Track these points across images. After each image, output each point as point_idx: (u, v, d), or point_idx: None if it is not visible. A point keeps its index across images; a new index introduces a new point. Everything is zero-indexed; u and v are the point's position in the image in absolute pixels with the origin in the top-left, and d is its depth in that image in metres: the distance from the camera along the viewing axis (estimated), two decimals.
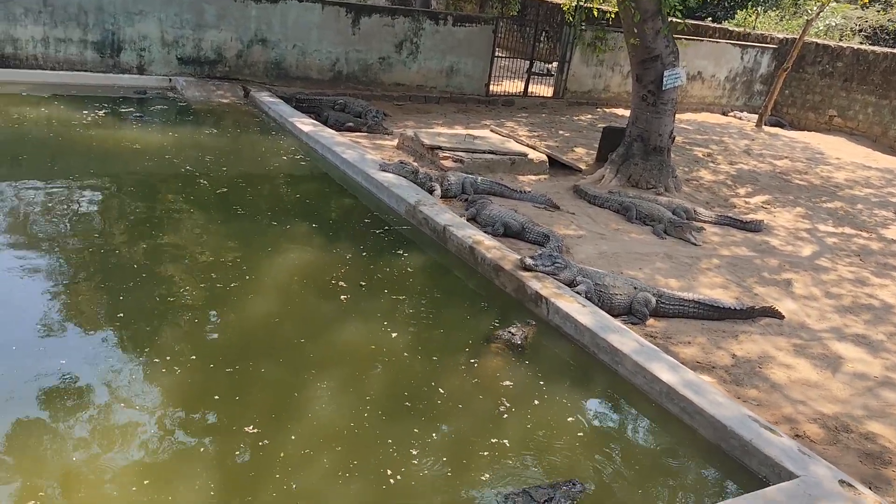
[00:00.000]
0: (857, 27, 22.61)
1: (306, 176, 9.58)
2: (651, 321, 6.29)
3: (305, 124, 10.95)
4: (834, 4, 19.33)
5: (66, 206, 7.36)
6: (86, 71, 12.38)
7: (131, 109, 11.15)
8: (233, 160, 9.49)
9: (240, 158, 9.69)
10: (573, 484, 4.03)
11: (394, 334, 5.57)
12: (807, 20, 17.02)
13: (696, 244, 8.34)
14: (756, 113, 17.95)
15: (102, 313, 5.43)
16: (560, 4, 21.32)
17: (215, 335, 5.35)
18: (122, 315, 5.39)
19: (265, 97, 12.42)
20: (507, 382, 5.11)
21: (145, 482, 3.76)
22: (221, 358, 4.99)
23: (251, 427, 4.29)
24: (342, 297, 6.08)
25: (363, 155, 9.64)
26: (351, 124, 11.92)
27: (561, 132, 13.80)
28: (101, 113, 10.68)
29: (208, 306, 5.70)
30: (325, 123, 11.69)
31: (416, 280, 6.69)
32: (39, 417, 4.18)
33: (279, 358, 5.11)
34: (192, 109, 11.67)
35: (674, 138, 10.66)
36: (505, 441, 4.46)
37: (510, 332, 5.60)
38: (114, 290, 5.73)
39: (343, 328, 5.65)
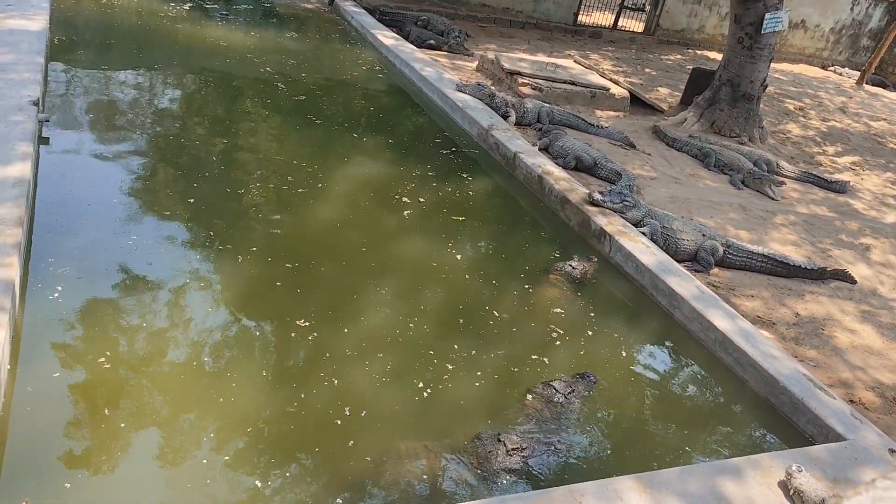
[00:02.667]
0: None
1: (383, 89, 9.55)
2: (716, 270, 6.15)
3: (387, 37, 10.84)
4: None
5: (148, 97, 7.55)
6: None
7: (218, 6, 11.22)
8: (312, 66, 9.51)
9: (319, 65, 9.70)
10: (588, 376, 4.35)
11: (453, 253, 5.61)
12: None
13: (774, 198, 8.04)
14: (858, 70, 16.90)
15: (175, 199, 5.61)
16: None
17: (279, 231, 5.48)
18: (192, 201, 5.57)
19: (349, 6, 12.30)
20: (561, 312, 5.11)
21: (198, 361, 3.95)
22: (284, 253, 5.12)
23: (304, 321, 4.43)
24: (406, 212, 6.12)
25: (441, 73, 9.52)
26: (432, 42, 11.75)
27: (647, 70, 13.31)
28: (190, 6, 10.79)
29: (275, 204, 5.83)
30: (406, 38, 11.56)
31: (481, 204, 6.68)
32: (109, 294, 4.40)
33: (340, 261, 5.22)
34: (276, 12, 11.68)
35: (766, 87, 10.15)
36: (548, 362, 4.50)
37: (570, 265, 5.56)
38: (188, 179, 5.91)
39: (404, 242, 5.71)
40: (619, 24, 16.22)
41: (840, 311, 5.85)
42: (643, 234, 6.07)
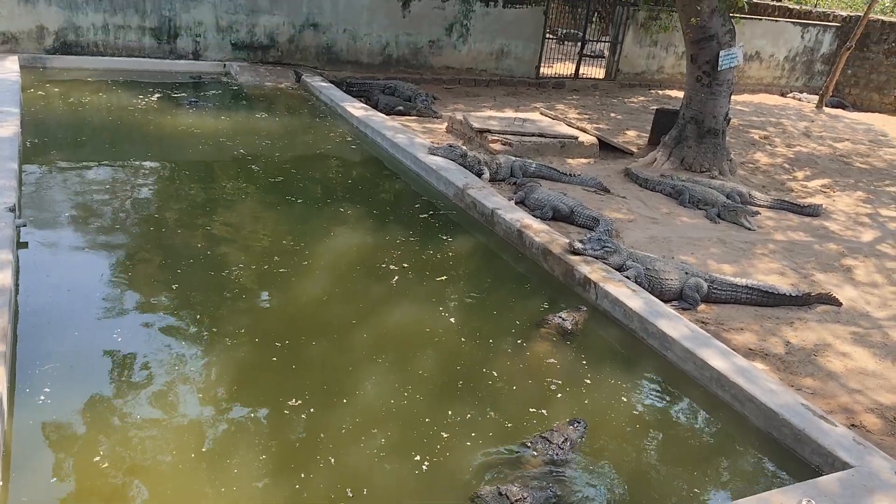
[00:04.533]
0: None
1: (357, 160, 9.67)
2: (703, 307, 6.19)
3: (356, 108, 11.04)
4: None
5: (124, 188, 7.59)
6: (144, 57, 12.72)
7: (187, 94, 11.40)
8: (286, 144, 9.64)
9: (292, 142, 9.84)
10: (578, 422, 4.34)
11: (444, 316, 5.61)
12: None
13: (750, 229, 8.16)
14: (816, 94, 17.39)
15: (159, 288, 5.59)
16: None
17: (267, 312, 5.47)
18: (176, 288, 5.56)
19: (317, 81, 12.54)
20: (555, 363, 5.11)
21: (195, 451, 3.89)
22: (273, 333, 5.10)
23: (298, 400, 4.38)
24: (392, 280, 6.14)
25: (412, 139, 9.68)
26: (401, 108, 11.97)
27: (612, 114, 13.60)
28: (158, 97, 10.96)
29: (261, 285, 5.83)
30: (375, 107, 11.77)
31: (465, 264, 6.71)
32: (97, 389, 4.34)
33: (330, 336, 5.20)
34: (245, 94, 11.87)
35: (729, 120, 10.40)
36: (547, 414, 4.46)
37: (561, 317, 5.57)
38: (170, 267, 5.91)
39: (393, 310, 5.71)
40: (581, 72, 16.64)
41: (831, 336, 5.88)
42: (627, 278, 6.12)
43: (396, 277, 6.19)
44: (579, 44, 16.58)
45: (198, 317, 5.32)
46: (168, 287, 5.63)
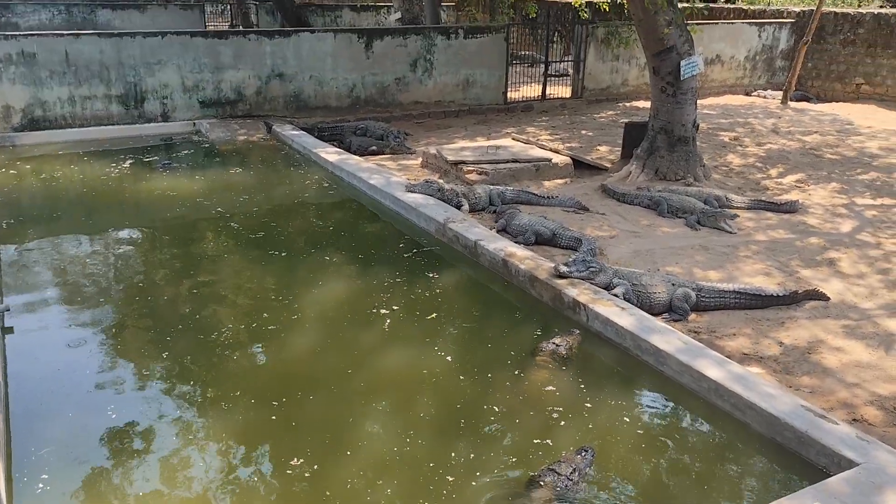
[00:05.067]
0: None
1: (336, 205, 9.70)
2: (693, 316, 6.22)
3: (330, 153, 11.09)
4: None
5: (105, 259, 7.57)
6: (112, 124, 12.74)
7: (159, 157, 11.41)
8: (263, 197, 9.65)
9: (270, 194, 9.85)
10: (586, 451, 4.33)
11: (438, 356, 5.61)
12: None
13: (731, 232, 8.23)
14: (780, 90, 17.67)
15: (150, 358, 5.56)
16: (570, 3, 21.28)
17: (261, 370, 5.45)
18: (167, 356, 5.53)
19: (288, 130, 12.61)
20: (555, 391, 5.11)
21: None
22: (269, 392, 5.07)
23: (300, 459, 4.35)
24: (384, 323, 6.14)
25: (389, 178, 9.73)
26: (374, 148, 12.04)
27: (583, 132, 13.75)
28: (130, 164, 10.96)
29: (252, 343, 5.81)
30: (348, 149, 11.83)
31: (454, 298, 6.72)
32: (95, 469, 4.29)
33: (327, 389, 5.18)
34: (217, 151, 11.90)
35: (698, 126, 10.54)
36: (552, 444, 4.45)
37: (554, 343, 5.58)
38: (159, 335, 5.88)
39: (388, 355, 5.70)
40: (548, 92, 16.82)
41: (823, 332, 5.92)
42: (616, 296, 6.15)
43: (388, 321, 6.18)
44: (543, 65, 16.79)
45: (191, 383, 5.29)
46: (159, 356, 5.60)
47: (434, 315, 6.31)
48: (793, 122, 14.61)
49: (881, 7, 20.13)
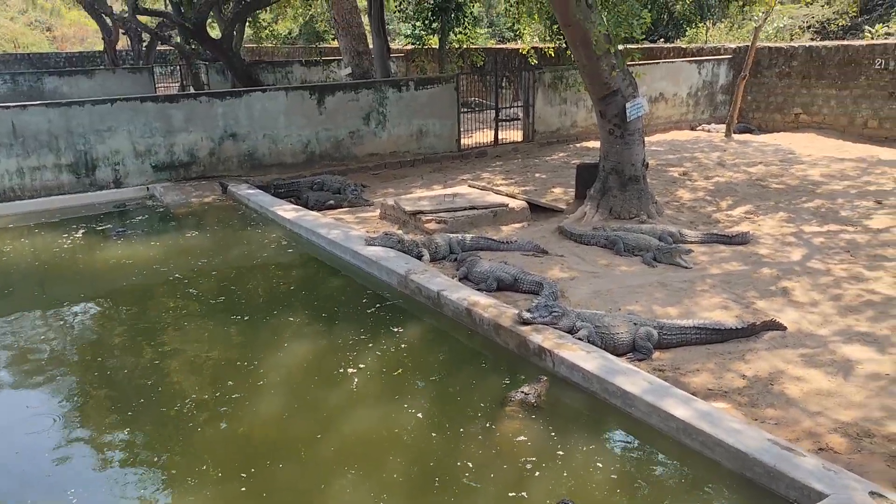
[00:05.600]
0: (806, 24, 23.17)
1: (296, 262, 9.65)
2: (657, 354, 6.30)
3: (287, 210, 11.07)
4: (779, 7, 19.85)
5: (60, 334, 7.39)
6: (63, 194, 12.56)
7: (113, 224, 11.25)
8: (221, 259, 9.56)
9: (228, 256, 9.76)
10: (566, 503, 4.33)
11: (408, 413, 5.57)
12: (755, 27, 17.44)
13: (687, 267, 8.40)
14: (723, 123, 18.26)
15: (111, 435, 5.41)
16: (517, 50, 21.84)
17: (228, 440, 5.33)
18: (128, 432, 5.39)
19: (243, 190, 12.57)
20: (526, 440, 5.10)
21: None
22: (238, 463, 4.97)
23: None
24: (351, 383, 6.08)
25: (348, 232, 9.74)
26: (332, 202, 12.06)
27: (537, 174, 13.97)
28: (83, 233, 10.78)
29: (217, 412, 5.69)
30: (305, 205, 11.84)
31: (421, 352, 6.71)
32: None
33: (297, 455, 5.09)
34: (172, 214, 11.79)
35: (647, 165, 10.81)
36: (528, 496, 4.43)
37: (523, 391, 5.59)
38: (121, 410, 5.73)
39: (357, 415, 5.65)
40: (500, 137, 17.11)
41: (783, 362, 6.04)
42: (580, 339, 6.20)
43: (356, 380, 6.13)
44: (494, 111, 17.12)
45: (156, 459, 5.15)
46: (121, 431, 5.46)
47: (401, 371, 6.28)
48: (737, 155, 15.08)
49: (811, 40, 21.07)
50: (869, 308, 7.04)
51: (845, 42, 17.88)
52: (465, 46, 20.56)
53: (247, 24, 25.00)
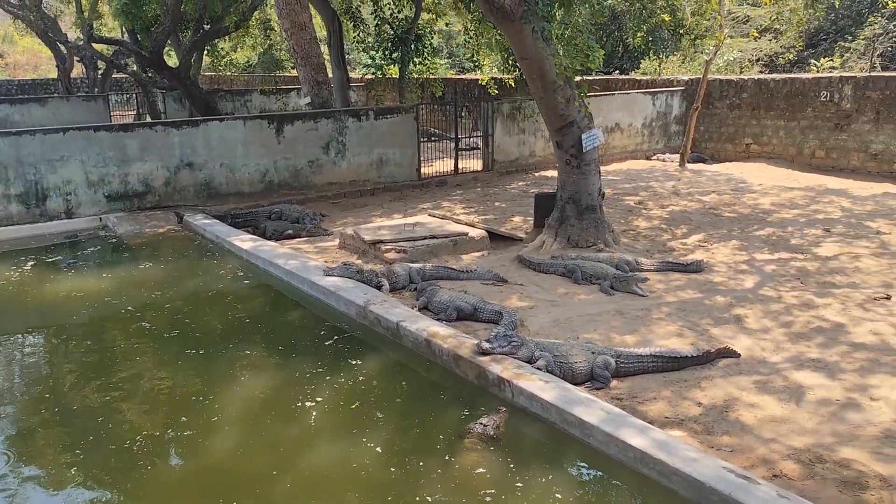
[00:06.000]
0: (755, 57, 23.94)
1: (253, 294, 9.51)
2: (614, 382, 6.34)
3: (244, 241, 10.94)
4: (729, 41, 20.49)
5: (8, 370, 7.14)
6: (12, 225, 12.22)
7: (64, 256, 10.98)
8: (176, 291, 9.38)
9: (183, 288, 9.58)
10: None
11: (367, 447, 5.49)
12: (706, 60, 17.97)
13: (643, 295, 8.50)
14: (677, 153, 18.67)
15: (61, 474, 5.24)
16: (477, 80, 22.11)
17: (182, 478, 5.19)
18: (77, 471, 5.21)
19: (199, 219, 12.40)
20: (485, 473, 5.07)
21: None
22: (191, 501, 4.83)
23: None
24: (309, 417, 5.99)
25: (306, 262, 9.65)
26: (290, 231, 11.96)
27: (496, 203, 14.08)
28: (32, 265, 10.50)
29: (171, 449, 5.55)
30: (263, 235, 11.71)
31: (380, 384, 6.64)
32: None
33: (252, 493, 4.96)
34: (126, 245, 11.55)
35: (603, 194, 10.98)
36: None
37: (482, 423, 5.56)
38: (70, 448, 5.56)
39: (315, 450, 5.56)
40: (460, 166, 17.23)
41: (737, 389, 6.13)
42: (539, 369, 6.21)
43: (313, 414, 6.04)
44: (454, 141, 17.25)
45: (107, 497, 4.97)
46: (70, 470, 5.28)
47: (359, 404, 6.21)
48: (691, 184, 15.42)
49: (760, 73, 21.77)
50: (819, 335, 7.21)
51: (792, 75, 18.54)
52: (424, 76, 20.71)
53: (205, 52, 24.84)
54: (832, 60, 21.47)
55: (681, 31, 15.99)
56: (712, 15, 17.50)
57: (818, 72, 20.00)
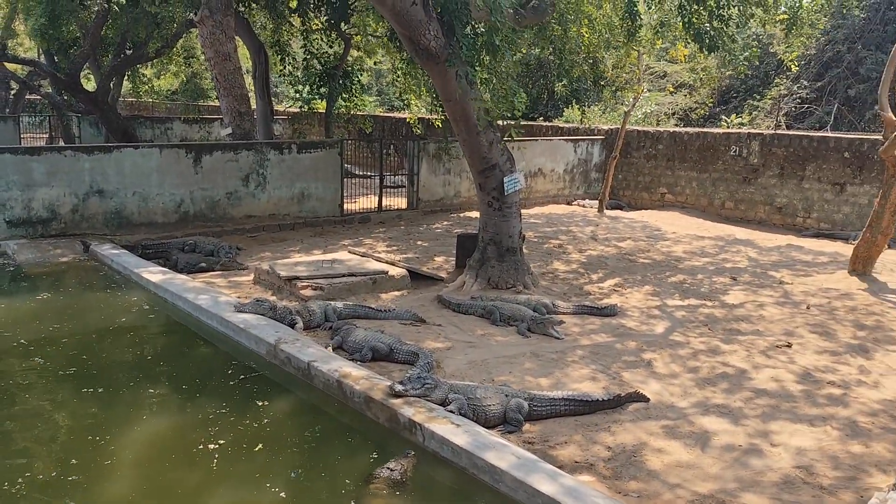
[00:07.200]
0: (671, 111, 25.02)
1: (159, 329, 9.10)
2: (527, 426, 6.31)
3: (153, 273, 10.51)
4: (647, 94, 21.36)
5: None
6: None
7: None
8: (75, 326, 8.86)
9: (83, 321, 9.08)
10: None
11: (271, 492, 5.26)
12: (625, 111, 18.64)
13: (559, 338, 8.57)
14: (596, 199, 19.17)
15: None
16: (405, 119, 22.25)
17: None
18: None
19: (107, 249, 11.87)
20: None
21: None
22: None
23: None
24: (210, 461, 5.70)
25: (216, 298, 9.33)
26: (203, 264, 11.59)
27: (419, 242, 14.05)
28: None
29: (60, 493, 5.15)
30: (174, 268, 11.29)
31: (287, 427, 6.41)
32: None
33: None
34: (25, 274, 10.92)
35: (524, 237, 11.11)
36: None
37: (389, 468, 5.42)
38: None
39: (215, 496, 5.29)
40: (384, 203, 17.18)
41: (645, 434, 6.19)
42: (451, 412, 6.13)
43: (215, 458, 5.75)
44: (379, 178, 17.21)
45: None
46: None
47: (264, 447, 5.95)
48: (609, 230, 15.81)
49: (676, 126, 22.72)
50: (724, 380, 7.40)
51: (705, 129, 19.42)
52: (352, 112, 20.72)
53: (126, 77, 24.17)
54: (741, 117, 22.64)
55: (602, 83, 16.58)
56: (631, 68, 18.26)
57: (728, 127, 21.03)
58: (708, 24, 11.80)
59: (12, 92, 28.99)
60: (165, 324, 9.21)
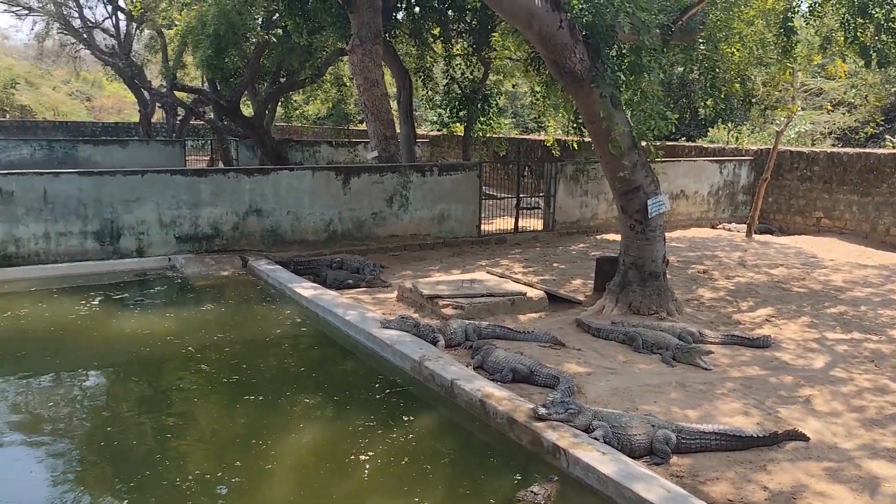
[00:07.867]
0: (828, 130, 23.48)
1: (311, 342, 9.59)
2: (674, 459, 6.09)
3: (305, 288, 11.09)
4: (801, 113, 20.18)
5: (68, 400, 7.34)
6: (86, 260, 12.69)
7: (131, 293, 11.32)
8: (236, 336, 9.52)
9: (243, 332, 9.73)
10: None
11: None
12: (777, 130, 17.70)
13: (706, 368, 8.22)
14: (744, 223, 18.27)
15: (112, 501, 5.29)
16: (541, 141, 22.28)
17: None
18: (129, 502, 5.26)
19: (263, 265, 12.66)
20: None
21: None
22: None
23: None
24: (362, 471, 5.93)
25: (364, 314, 9.71)
26: (350, 281, 12.09)
27: (556, 264, 13.97)
28: (100, 301, 10.84)
29: (222, 493, 5.54)
30: (323, 283, 11.86)
31: (431, 442, 6.56)
32: None
33: None
34: (191, 286, 11.86)
35: (667, 262, 10.78)
36: None
37: (532, 491, 5.41)
38: (124, 481, 5.64)
39: None
40: (520, 225, 17.24)
41: (806, 475, 5.81)
42: (596, 439, 6.03)
43: (366, 468, 5.98)
44: (516, 199, 17.31)
45: None
46: (121, 499, 5.32)
47: (410, 461, 6.11)
48: (759, 255, 15.01)
49: (833, 146, 21.31)
50: (894, 422, 6.81)
51: (867, 150, 18.06)
52: (489, 135, 21.01)
53: (279, 103, 25.79)
54: None
55: (751, 101, 15.85)
56: (784, 86, 17.32)
57: (894, 148, 19.46)
58: (875, 38, 11.00)
59: (179, 118, 31.69)
60: (316, 336, 9.69)
